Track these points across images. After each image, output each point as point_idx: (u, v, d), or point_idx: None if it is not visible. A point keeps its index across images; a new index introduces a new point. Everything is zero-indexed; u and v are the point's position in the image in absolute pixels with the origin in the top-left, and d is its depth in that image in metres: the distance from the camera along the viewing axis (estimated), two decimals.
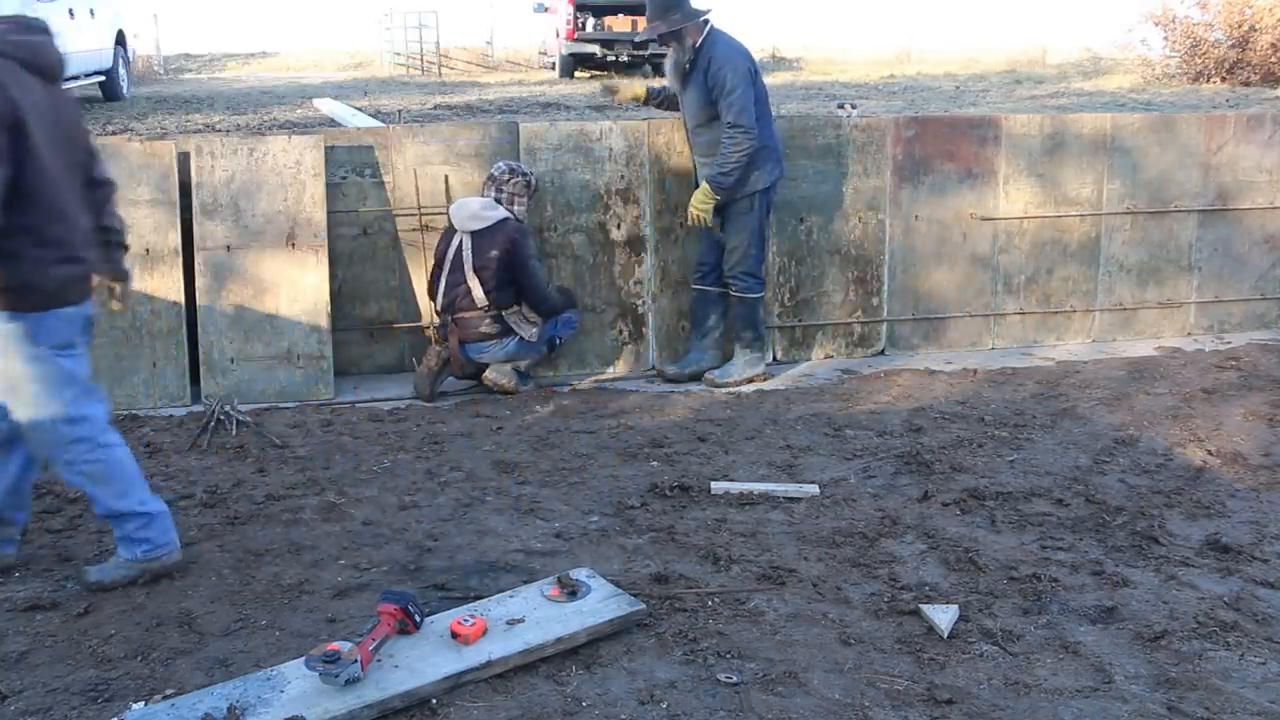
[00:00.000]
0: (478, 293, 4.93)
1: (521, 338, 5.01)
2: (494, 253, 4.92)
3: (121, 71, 13.47)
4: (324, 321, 5.15)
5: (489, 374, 5.06)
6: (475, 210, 5.00)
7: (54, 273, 2.97)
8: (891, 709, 2.60)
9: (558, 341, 5.18)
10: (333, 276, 5.21)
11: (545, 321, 5.09)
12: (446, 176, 5.38)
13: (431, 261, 5.19)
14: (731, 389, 5.21)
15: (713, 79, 4.99)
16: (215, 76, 20.48)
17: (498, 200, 5.04)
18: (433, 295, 5.15)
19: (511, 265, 4.94)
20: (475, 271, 4.93)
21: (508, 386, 5.04)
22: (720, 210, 5.13)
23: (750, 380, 5.28)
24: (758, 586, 3.20)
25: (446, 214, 5.22)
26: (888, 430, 4.57)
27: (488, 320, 4.96)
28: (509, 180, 5.06)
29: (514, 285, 4.99)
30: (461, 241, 4.97)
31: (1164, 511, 3.73)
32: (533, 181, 5.14)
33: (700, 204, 5.05)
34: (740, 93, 4.94)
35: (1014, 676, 2.74)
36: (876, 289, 5.78)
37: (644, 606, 2.98)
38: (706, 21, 5.09)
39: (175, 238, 5.03)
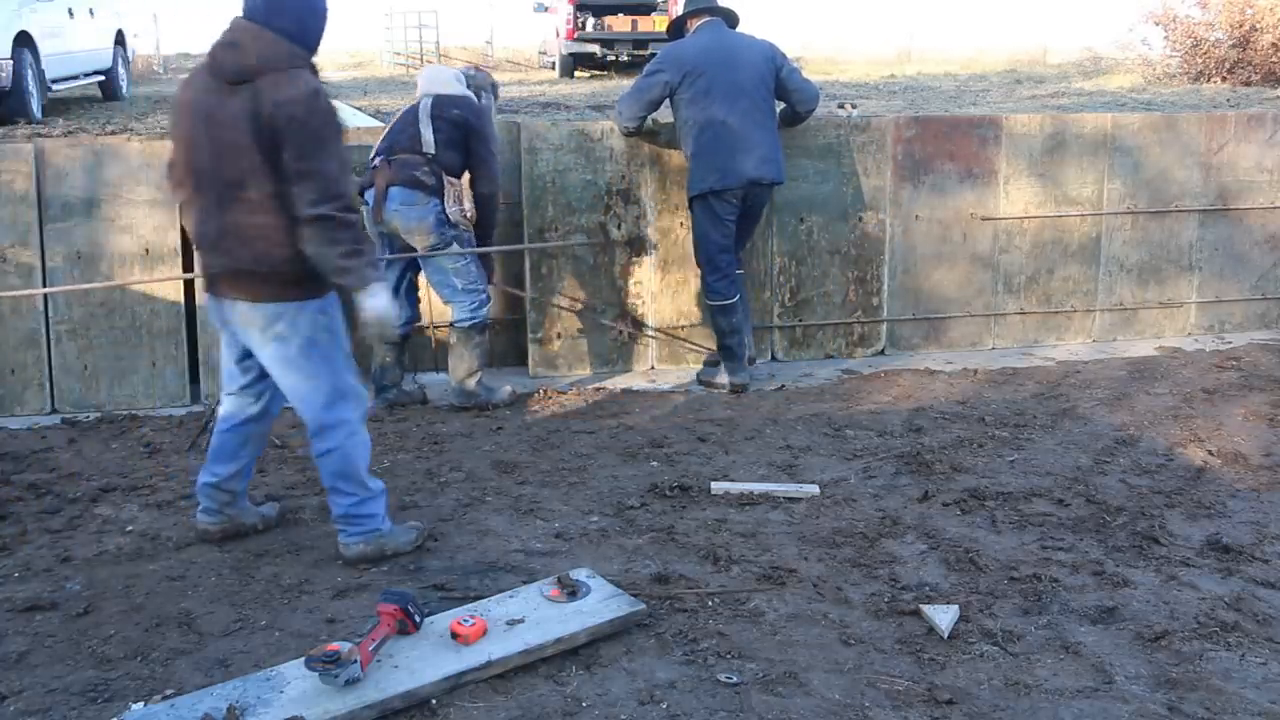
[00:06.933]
0: (426, 136, 4.73)
1: (444, 216, 4.69)
2: (456, 112, 4.78)
3: (121, 71, 13.44)
4: None
5: (460, 383, 4.89)
6: (447, 78, 4.96)
7: None
8: (892, 709, 2.60)
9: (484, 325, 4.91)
10: None
11: (478, 228, 4.86)
12: None
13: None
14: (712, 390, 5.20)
15: None
16: None
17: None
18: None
19: (468, 130, 4.77)
20: (432, 119, 4.75)
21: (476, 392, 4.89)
22: None
23: (721, 387, 5.19)
24: (758, 587, 3.19)
25: None
26: (888, 430, 4.56)
27: (425, 169, 4.70)
28: (476, 75, 5.10)
29: (463, 156, 4.78)
30: (422, 101, 4.85)
31: (1164, 512, 3.73)
32: (496, 85, 5.21)
33: None
34: (631, 83, 5.21)
35: (1014, 677, 2.74)
36: (877, 289, 5.77)
37: (644, 607, 2.97)
38: (693, 23, 5.13)
39: (175, 238, 5.03)
